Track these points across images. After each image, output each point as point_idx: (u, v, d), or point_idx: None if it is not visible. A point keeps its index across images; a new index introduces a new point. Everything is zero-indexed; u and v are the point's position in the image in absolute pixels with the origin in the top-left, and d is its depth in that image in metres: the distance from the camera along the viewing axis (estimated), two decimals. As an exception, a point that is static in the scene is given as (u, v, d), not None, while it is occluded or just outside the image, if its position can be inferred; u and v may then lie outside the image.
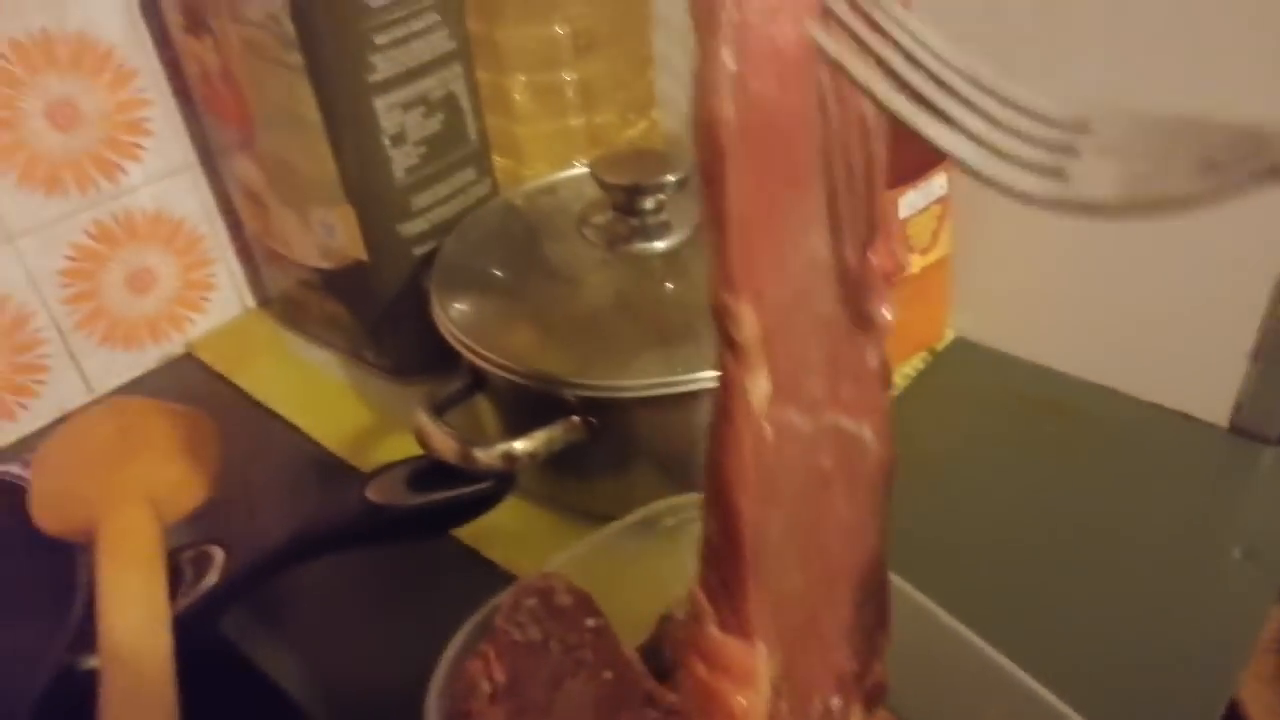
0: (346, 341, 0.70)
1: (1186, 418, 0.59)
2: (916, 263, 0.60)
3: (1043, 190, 0.20)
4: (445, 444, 0.48)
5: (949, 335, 0.67)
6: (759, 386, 0.24)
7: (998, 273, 0.63)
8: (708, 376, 0.48)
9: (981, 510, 0.55)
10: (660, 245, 0.54)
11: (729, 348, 0.24)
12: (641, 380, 0.48)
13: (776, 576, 0.28)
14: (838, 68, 0.21)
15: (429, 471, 0.49)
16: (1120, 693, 0.44)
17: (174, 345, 0.74)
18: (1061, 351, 0.63)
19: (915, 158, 0.57)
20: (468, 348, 0.52)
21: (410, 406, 0.50)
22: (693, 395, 0.49)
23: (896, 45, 0.20)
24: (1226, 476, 0.56)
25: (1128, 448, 0.58)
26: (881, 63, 0.21)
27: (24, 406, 0.67)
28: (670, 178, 0.52)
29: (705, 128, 0.20)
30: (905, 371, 0.64)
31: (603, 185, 0.54)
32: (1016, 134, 0.20)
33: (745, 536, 0.25)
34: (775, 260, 0.23)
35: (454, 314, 0.54)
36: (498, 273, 0.57)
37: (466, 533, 0.55)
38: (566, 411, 0.50)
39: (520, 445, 0.48)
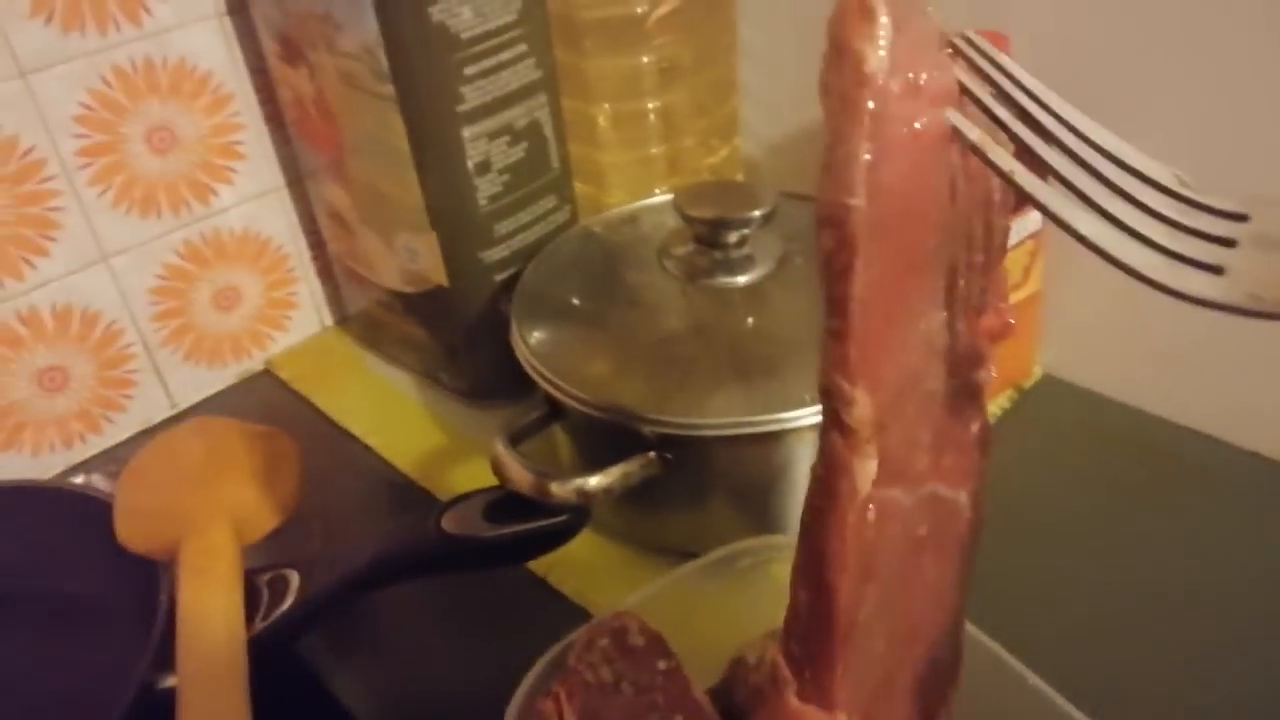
0: (423, 363, 0.70)
1: (1289, 469, 0.56)
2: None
3: (1204, 288, 0.18)
4: (521, 476, 0.48)
5: (1037, 372, 0.65)
6: (866, 469, 0.23)
7: (1089, 308, 0.61)
8: (788, 417, 0.47)
9: (1065, 555, 0.53)
10: (742, 279, 0.54)
11: (838, 430, 0.23)
12: (720, 419, 0.47)
13: (863, 647, 0.27)
14: (977, 153, 0.20)
15: (504, 503, 0.49)
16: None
17: (254, 362, 0.76)
18: (1155, 393, 0.61)
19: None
20: (545, 379, 0.52)
21: (484, 430, 0.50)
22: (773, 435, 0.48)
23: (1040, 128, 0.19)
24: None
25: (1224, 497, 0.56)
26: (1022, 146, 0.19)
27: (110, 420, 0.69)
28: (755, 213, 0.52)
29: (834, 218, 0.19)
30: (991, 410, 0.62)
31: (685, 218, 0.53)
32: (1168, 222, 0.19)
33: (839, 616, 0.24)
34: (894, 344, 0.22)
35: (532, 342, 0.54)
36: (577, 301, 0.57)
37: (540, 565, 0.55)
38: (644, 447, 0.49)
39: (596, 481, 0.48)
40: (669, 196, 0.62)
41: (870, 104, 0.18)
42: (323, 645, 0.53)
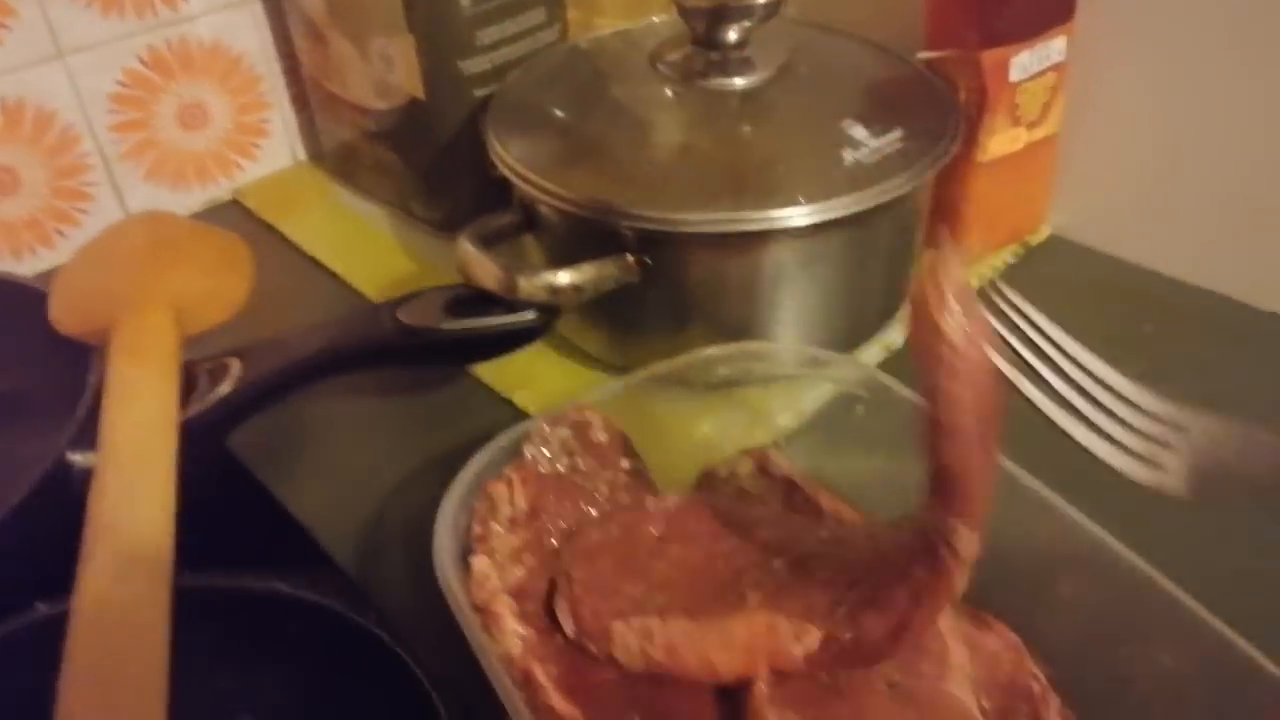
0: (396, 194, 0.66)
1: (1310, 330, 0.53)
2: (1021, 137, 0.54)
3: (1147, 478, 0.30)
4: (487, 270, 0.45)
5: (1045, 230, 0.61)
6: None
7: (1109, 161, 0.57)
8: (778, 216, 0.43)
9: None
10: (739, 82, 0.49)
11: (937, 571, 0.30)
12: (704, 215, 0.43)
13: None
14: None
15: (467, 300, 0.46)
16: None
17: (220, 190, 0.71)
18: (1171, 255, 0.57)
19: (1034, 13, 0.52)
20: (518, 175, 0.48)
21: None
22: (759, 237, 0.44)
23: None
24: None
25: (1241, 357, 0.52)
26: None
27: (62, 234, 0.65)
28: (758, 0, 0.47)
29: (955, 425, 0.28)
30: (995, 264, 0.58)
31: (682, 11, 0.49)
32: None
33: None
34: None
35: (508, 145, 0.50)
36: (561, 111, 0.53)
37: (497, 378, 0.52)
38: (620, 249, 0.45)
39: (566, 277, 0.44)
40: (665, 17, 0.58)
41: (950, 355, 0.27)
42: (261, 441, 0.49)
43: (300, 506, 0.47)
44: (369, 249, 0.65)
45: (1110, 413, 0.29)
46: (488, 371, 0.53)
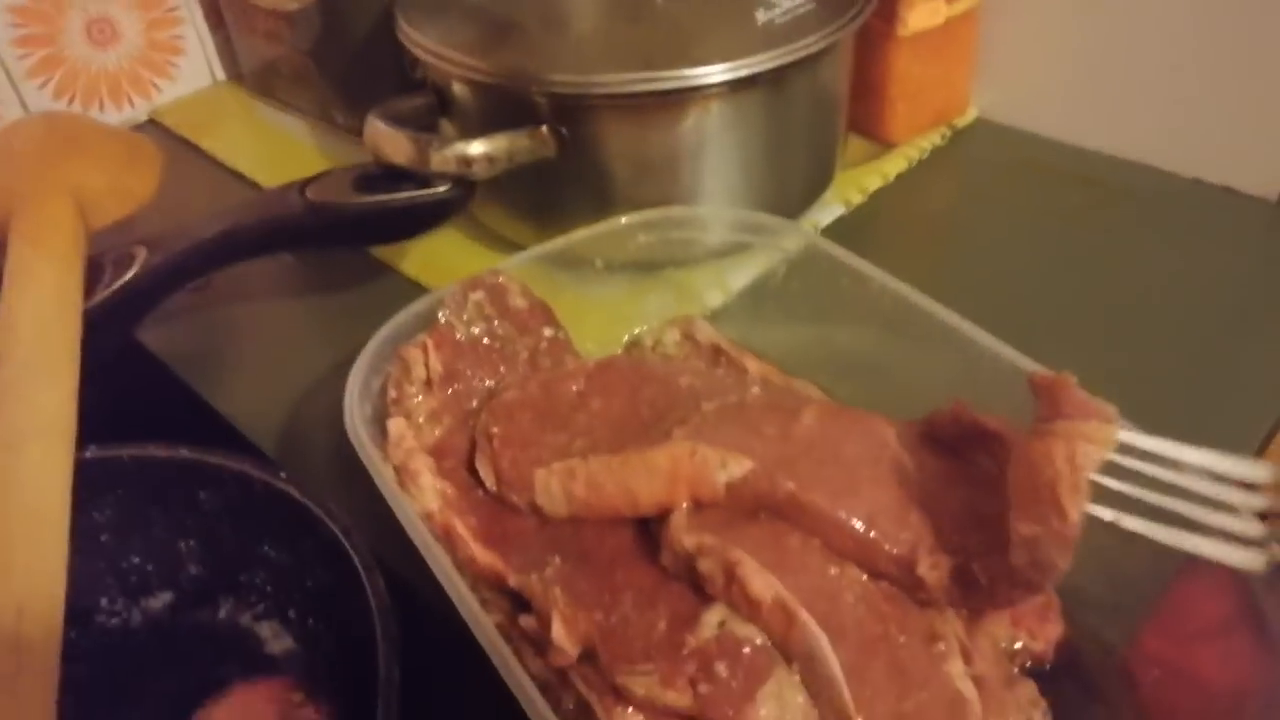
0: (317, 104, 0.64)
1: (1230, 192, 0.53)
2: (941, 11, 0.54)
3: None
4: (398, 144, 0.44)
5: (972, 113, 0.61)
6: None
7: (1031, 37, 0.57)
8: (691, 74, 0.42)
9: (997, 285, 0.49)
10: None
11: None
12: (617, 76, 0.43)
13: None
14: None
15: (378, 177, 0.44)
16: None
17: (137, 111, 0.69)
18: (1095, 129, 0.57)
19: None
20: (428, 50, 0.46)
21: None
22: (675, 99, 0.43)
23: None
24: (1276, 251, 0.50)
25: (1165, 222, 0.52)
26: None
27: (-31, 154, 0.63)
28: None
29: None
30: (923, 145, 0.58)
31: None
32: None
33: None
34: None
35: (417, 26, 0.48)
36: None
37: (419, 270, 0.51)
38: (535, 119, 0.44)
39: (479, 146, 0.43)
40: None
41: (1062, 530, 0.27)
42: (167, 329, 0.48)
43: (221, 400, 0.45)
44: (293, 160, 0.63)
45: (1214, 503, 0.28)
46: (411, 264, 0.52)
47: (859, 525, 0.30)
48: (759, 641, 0.28)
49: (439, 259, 0.51)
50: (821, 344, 0.42)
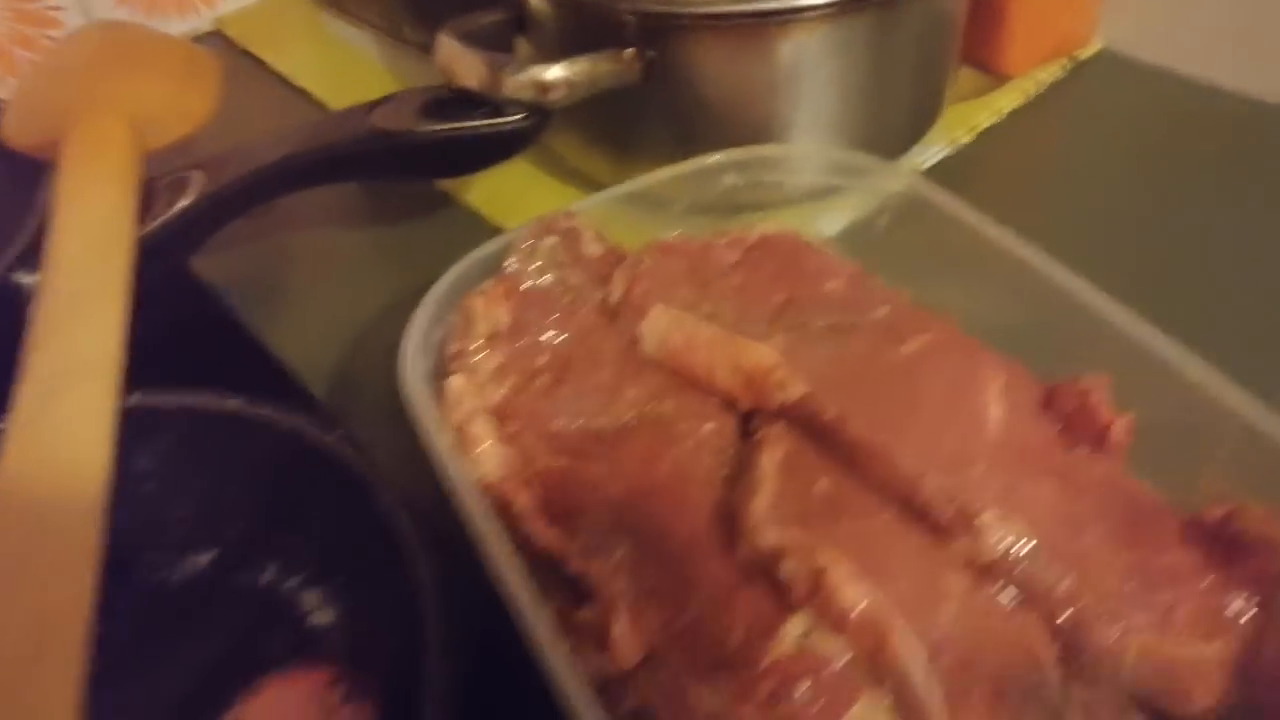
0: (385, 17, 0.61)
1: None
2: (1069, -70, 0.48)
3: None
4: (470, 65, 0.40)
5: (1096, 44, 0.55)
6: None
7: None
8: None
9: (1117, 233, 0.44)
10: None
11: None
12: (716, -2, 0.38)
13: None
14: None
15: (448, 102, 0.41)
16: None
17: (201, 20, 0.67)
18: (1231, 66, 0.51)
19: None
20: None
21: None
22: (775, 22, 0.39)
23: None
24: None
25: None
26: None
27: (30, 62, 0.61)
28: None
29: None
30: (1040, 78, 0.53)
31: None
32: None
33: None
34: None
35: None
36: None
37: (487, 204, 0.48)
38: (620, 43, 0.40)
39: (557, 71, 0.40)
40: None
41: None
42: (225, 264, 0.46)
43: (274, 337, 0.43)
44: (360, 78, 0.60)
45: None
46: (478, 197, 0.49)
47: (903, 461, 0.28)
48: (846, 659, 0.25)
49: (506, 192, 0.48)
50: (926, 300, 0.38)
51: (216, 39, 0.66)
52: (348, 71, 0.60)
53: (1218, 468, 0.29)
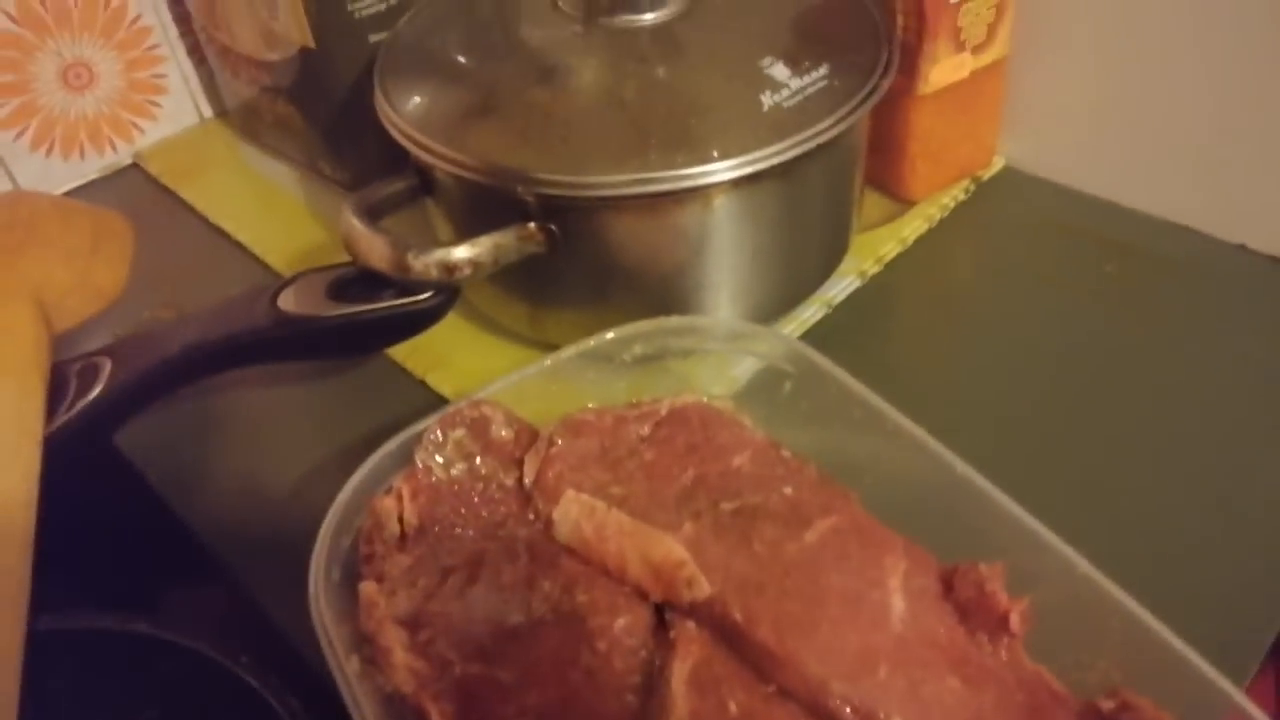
0: (302, 152, 0.61)
1: (1278, 262, 0.49)
2: (967, 64, 0.49)
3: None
4: (374, 247, 0.40)
5: (998, 163, 0.57)
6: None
7: (1061, 87, 0.53)
8: (689, 174, 0.39)
9: (1025, 361, 0.46)
10: (648, 18, 0.45)
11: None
12: (608, 177, 0.39)
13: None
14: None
15: (355, 281, 0.41)
16: (1175, 572, 0.36)
17: (119, 155, 0.66)
18: (1132, 184, 0.53)
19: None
20: (409, 138, 0.43)
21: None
22: (671, 198, 0.40)
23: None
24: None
25: (1206, 293, 0.48)
26: None
27: (-56, 212, 0.60)
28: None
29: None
30: (944, 202, 0.54)
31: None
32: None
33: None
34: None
35: (399, 102, 0.45)
36: (456, 56, 0.48)
37: (411, 358, 0.48)
38: (524, 216, 0.41)
39: (462, 252, 0.40)
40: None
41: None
42: (149, 438, 0.46)
43: (194, 512, 0.43)
44: (278, 215, 0.60)
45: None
46: (401, 351, 0.49)
47: (809, 667, 0.29)
48: None
49: (430, 345, 0.48)
50: (825, 450, 0.39)
51: (136, 173, 0.66)
52: (268, 210, 0.60)
53: (1109, 654, 0.30)
